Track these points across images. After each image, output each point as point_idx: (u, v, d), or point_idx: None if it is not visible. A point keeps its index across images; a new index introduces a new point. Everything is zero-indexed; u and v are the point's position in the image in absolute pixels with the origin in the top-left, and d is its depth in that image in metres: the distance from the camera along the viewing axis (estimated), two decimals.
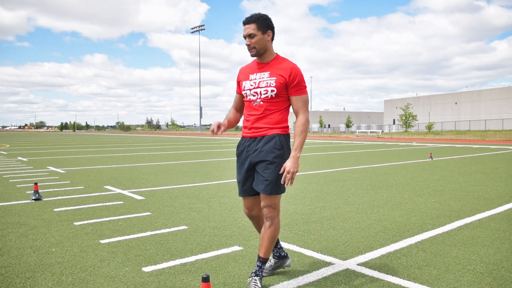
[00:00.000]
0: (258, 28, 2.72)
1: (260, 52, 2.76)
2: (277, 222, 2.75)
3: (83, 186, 7.28)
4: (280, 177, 2.67)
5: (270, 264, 3.02)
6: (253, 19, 2.74)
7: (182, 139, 36.80)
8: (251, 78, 2.83)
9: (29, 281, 2.89)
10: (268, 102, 2.74)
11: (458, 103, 58.98)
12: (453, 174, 9.02)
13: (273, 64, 2.78)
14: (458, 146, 22.03)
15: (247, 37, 2.74)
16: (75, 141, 32.49)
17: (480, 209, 5.26)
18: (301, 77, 2.74)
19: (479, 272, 3.01)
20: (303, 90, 2.75)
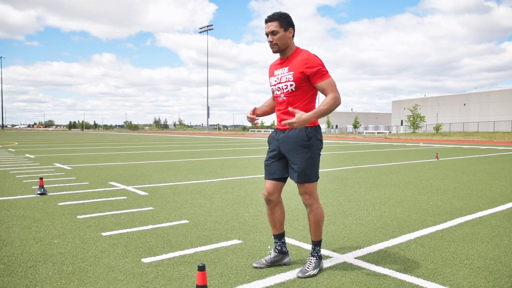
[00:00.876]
0: (280, 26, 2.85)
1: (281, 48, 2.89)
2: (316, 208, 2.91)
3: (88, 182, 7.36)
4: (310, 167, 2.85)
5: (270, 256, 3.04)
6: (276, 17, 2.87)
7: (189, 138, 36.94)
8: (275, 74, 3.00)
9: (30, 270, 2.95)
10: (290, 96, 2.89)
11: (466, 105, 58.52)
12: (458, 174, 8.98)
13: (292, 58, 2.91)
14: (465, 147, 21.87)
15: (269, 34, 2.87)
16: (83, 139, 32.76)
17: (482, 207, 5.24)
18: (320, 65, 2.80)
19: (476, 267, 3.01)
20: (325, 75, 2.80)
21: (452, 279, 2.77)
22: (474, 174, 8.88)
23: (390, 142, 30.58)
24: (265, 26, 2.90)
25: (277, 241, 3.07)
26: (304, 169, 2.83)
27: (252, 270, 2.94)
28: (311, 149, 2.85)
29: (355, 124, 76.48)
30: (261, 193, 6.26)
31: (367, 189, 6.69)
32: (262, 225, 4.27)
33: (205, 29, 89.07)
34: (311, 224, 2.93)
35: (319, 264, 2.90)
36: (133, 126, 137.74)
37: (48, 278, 2.78)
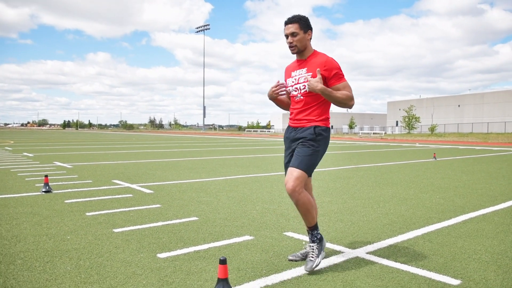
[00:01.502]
0: (300, 28, 2.94)
1: (300, 49, 2.98)
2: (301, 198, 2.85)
3: (91, 180, 7.38)
4: (310, 157, 2.90)
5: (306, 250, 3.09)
6: (296, 19, 2.95)
7: (186, 138, 36.93)
8: (293, 75, 3.10)
9: (48, 264, 2.99)
10: (307, 96, 2.99)
11: (461, 106, 58.95)
12: (457, 173, 9.09)
13: (310, 60, 3.00)
14: (461, 148, 22.08)
15: (289, 35, 2.95)
16: (79, 138, 32.65)
17: (484, 205, 5.33)
18: (337, 68, 2.92)
19: (484, 261, 3.09)
20: (342, 78, 2.93)
21: (463, 273, 2.84)
22: (473, 174, 9.00)
23: (386, 142, 30.76)
24: (285, 28, 2.98)
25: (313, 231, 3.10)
26: (307, 155, 2.91)
27: (268, 264, 3.01)
28: (317, 143, 2.95)
29: (350, 124, 76.77)
30: (266, 191, 6.33)
31: (369, 188, 6.78)
32: (271, 222, 4.33)
33: (201, 28, 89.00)
34: (301, 213, 2.95)
35: (321, 248, 2.94)
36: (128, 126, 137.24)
37: (67, 273, 2.82)
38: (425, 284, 2.64)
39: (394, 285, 2.62)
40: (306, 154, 2.91)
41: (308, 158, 2.90)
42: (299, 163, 2.89)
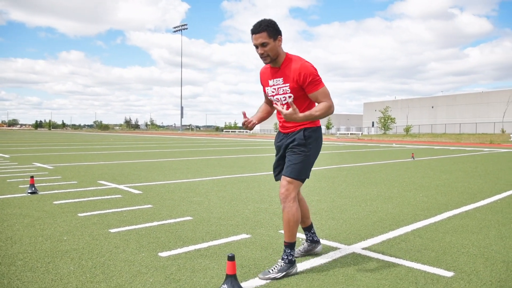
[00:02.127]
0: (269, 36, 2.74)
1: (273, 58, 2.82)
2: (290, 207, 2.80)
3: (77, 181, 7.30)
4: (301, 164, 2.84)
5: (304, 246, 3.24)
6: (263, 27, 2.74)
7: (164, 138, 36.62)
8: (270, 84, 2.98)
9: (50, 265, 2.99)
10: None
11: (434, 107, 60.58)
12: (436, 172, 9.41)
13: (284, 68, 2.85)
14: (436, 148, 22.73)
15: (259, 46, 2.77)
16: (54, 139, 31.92)
17: (465, 202, 5.58)
18: (312, 74, 2.76)
19: (472, 254, 3.27)
20: (318, 85, 2.79)
21: (454, 265, 3.01)
22: (451, 173, 9.34)
23: (364, 143, 31.33)
24: (253, 38, 2.78)
25: (307, 232, 3.25)
26: (298, 163, 2.85)
27: (270, 260, 3.09)
28: (308, 147, 2.89)
29: (327, 125, 77.69)
30: (254, 191, 6.41)
31: (355, 187, 6.96)
32: (265, 220, 4.42)
33: (179, 28, 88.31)
34: (284, 223, 2.86)
35: (287, 269, 2.78)
36: (104, 126, 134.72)
37: (71, 273, 2.83)
38: (421, 277, 2.78)
39: (392, 278, 2.75)
40: (296, 162, 2.86)
41: (299, 165, 2.85)
42: (290, 172, 2.85)
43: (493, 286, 2.63)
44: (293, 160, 2.87)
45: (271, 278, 2.72)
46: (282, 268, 2.77)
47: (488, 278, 2.78)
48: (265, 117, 3.21)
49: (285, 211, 2.83)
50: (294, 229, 2.84)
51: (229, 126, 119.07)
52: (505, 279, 2.77)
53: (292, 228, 2.83)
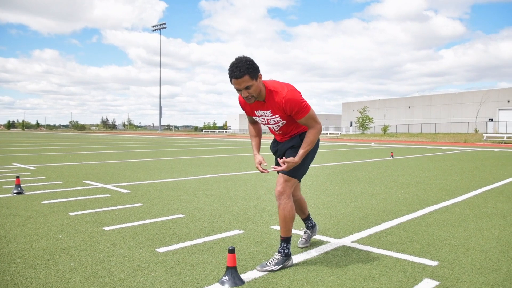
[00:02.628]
0: (251, 78, 2.73)
1: (257, 97, 2.85)
2: (285, 203, 2.93)
3: (62, 181, 7.27)
4: (299, 166, 2.97)
5: (307, 235, 3.48)
6: (244, 71, 2.69)
7: (144, 139, 36.30)
8: (258, 114, 3.03)
9: (50, 262, 3.04)
10: (283, 127, 3.04)
11: (411, 107, 61.94)
12: (415, 170, 9.74)
13: (269, 102, 2.88)
14: (414, 147, 23.32)
15: (243, 89, 2.75)
16: (30, 139, 31.24)
17: (444, 198, 5.84)
18: (298, 103, 2.80)
19: (454, 245, 3.49)
20: (305, 111, 2.84)
21: (438, 255, 3.21)
22: (429, 171, 9.68)
23: (343, 142, 31.82)
24: (234, 82, 2.74)
25: (306, 221, 3.51)
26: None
27: (265, 254, 3.23)
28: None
29: None
30: (241, 189, 6.54)
31: (338, 185, 7.16)
32: (255, 217, 4.55)
33: (157, 27, 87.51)
34: (280, 219, 2.97)
35: (283, 262, 2.89)
36: (80, 126, 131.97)
37: (73, 269, 2.90)
38: (408, 266, 2.97)
39: (382, 268, 2.92)
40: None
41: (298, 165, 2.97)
42: (287, 170, 2.94)
43: (474, 273, 2.83)
44: (290, 159, 2.99)
45: (269, 270, 2.85)
46: (279, 261, 2.90)
47: (469, 266, 2.98)
48: (260, 139, 3.32)
49: (280, 208, 2.96)
50: (289, 225, 2.98)
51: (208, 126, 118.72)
52: (484, 266, 2.98)
53: (288, 223, 2.96)
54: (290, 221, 2.97)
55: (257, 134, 3.31)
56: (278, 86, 2.86)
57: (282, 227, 2.99)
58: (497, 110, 51.25)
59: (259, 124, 3.33)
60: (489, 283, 2.67)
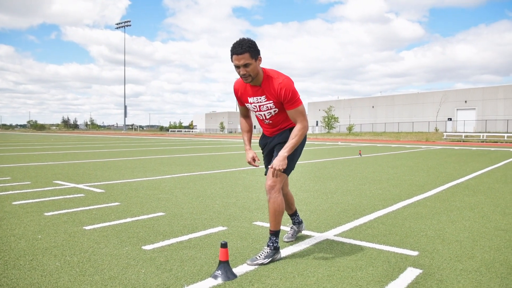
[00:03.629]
0: (251, 57, 2.80)
1: (253, 78, 2.89)
2: (275, 197, 2.99)
3: (30, 182, 7.02)
4: (290, 157, 3.03)
5: (294, 230, 3.54)
6: (245, 48, 2.78)
7: (109, 138, 35.44)
8: (251, 101, 3.08)
9: (33, 262, 2.96)
10: (275, 117, 3.09)
11: (374, 107, 63.64)
12: (384, 168, 10.06)
13: (265, 86, 2.94)
14: (379, 145, 24.02)
15: (241, 66, 2.81)
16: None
17: (415, 193, 6.09)
18: (292, 92, 2.91)
19: (431, 236, 3.66)
20: (296, 103, 2.94)
21: (417, 246, 3.36)
22: (397, 168, 10.03)
23: (310, 141, 32.30)
24: (234, 58, 2.81)
25: (293, 217, 3.58)
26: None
27: (252, 249, 3.27)
28: None
29: None
30: (218, 187, 6.55)
31: (313, 182, 7.31)
32: (236, 214, 4.59)
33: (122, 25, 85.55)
34: (269, 213, 3.02)
35: (272, 255, 2.95)
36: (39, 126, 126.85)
37: (60, 268, 2.84)
38: (391, 256, 3.10)
39: (367, 259, 3.04)
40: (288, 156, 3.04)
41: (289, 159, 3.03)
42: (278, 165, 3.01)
43: (452, 261, 3.00)
44: None
45: (259, 264, 2.90)
46: (268, 254, 2.96)
47: (447, 255, 3.15)
48: (252, 131, 3.38)
49: (270, 202, 3.01)
50: (279, 218, 3.04)
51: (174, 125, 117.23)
52: (460, 255, 3.15)
53: (277, 217, 3.03)
54: (279, 215, 3.03)
55: (249, 129, 3.36)
56: (276, 73, 2.96)
57: (271, 220, 3.04)
58: (455, 110, 53.54)
59: (250, 119, 3.38)
60: (467, 269, 2.84)
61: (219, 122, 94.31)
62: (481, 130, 46.70)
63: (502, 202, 5.44)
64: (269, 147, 3.25)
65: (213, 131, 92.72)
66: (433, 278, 2.67)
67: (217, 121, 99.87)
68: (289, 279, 2.65)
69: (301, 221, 3.62)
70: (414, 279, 2.65)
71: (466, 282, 2.61)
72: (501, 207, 5.06)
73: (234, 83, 3.17)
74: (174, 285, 2.55)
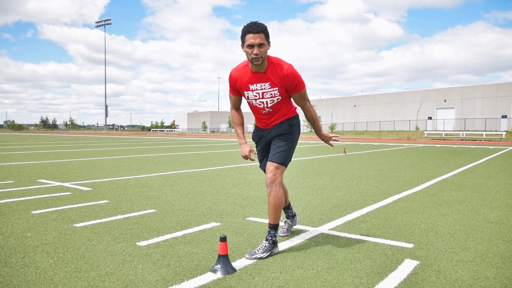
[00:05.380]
0: (266, 38, 2.83)
1: (263, 60, 2.86)
2: (276, 190, 3.00)
3: (13, 181, 6.85)
4: (287, 151, 3.07)
5: (288, 224, 3.52)
6: (262, 28, 2.80)
7: (90, 138, 34.89)
8: (252, 88, 3.01)
9: (26, 260, 2.88)
10: (275, 106, 3.05)
11: (356, 106, 64.33)
12: (369, 165, 10.16)
13: (270, 73, 2.92)
14: (362, 144, 24.28)
15: (256, 46, 2.78)
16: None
17: (404, 188, 6.17)
18: (298, 78, 2.95)
19: (423, 229, 3.71)
20: (301, 86, 3.00)
21: (412, 238, 3.40)
22: (383, 165, 10.14)
23: None
24: (250, 36, 2.78)
25: (287, 210, 3.54)
26: (284, 150, 3.06)
27: (249, 244, 3.25)
28: (293, 135, 3.15)
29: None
30: (207, 185, 6.50)
31: (301, 179, 7.33)
32: (229, 210, 4.56)
33: (102, 23, 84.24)
34: (270, 206, 3.02)
35: (271, 249, 2.94)
36: (17, 126, 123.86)
37: (54, 265, 2.77)
38: (388, 249, 3.12)
39: (364, 251, 3.06)
40: (284, 149, 3.06)
41: (285, 152, 3.06)
42: (278, 158, 3.03)
43: (448, 253, 3.04)
44: (281, 147, 3.07)
45: (258, 258, 2.89)
46: (267, 248, 2.95)
47: (442, 247, 3.20)
48: (244, 128, 3.37)
49: (271, 195, 3.01)
50: (279, 212, 3.04)
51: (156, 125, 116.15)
52: (454, 246, 3.20)
53: (277, 210, 3.03)
54: (279, 209, 3.03)
55: (241, 122, 3.32)
56: (280, 60, 2.96)
57: (271, 214, 3.03)
58: (435, 108, 54.55)
59: (241, 112, 3.35)
60: (463, 260, 2.89)
61: (201, 122, 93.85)
62: (460, 128, 47.71)
63: (488, 196, 5.55)
64: (266, 139, 3.20)
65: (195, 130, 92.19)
66: (431, 269, 2.70)
67: (199, 120, 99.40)
68: (289, 272, 2.64)
69: (294, 214, 3.60)
70: (413, 270, 2.67)
71: (464, 272, 2.65)
72: (488, 201, 5.16)
73: (231, 72, 3.10)
74: (173, 280, 2.52)
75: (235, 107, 3.31)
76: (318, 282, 2.48)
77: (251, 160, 3.24)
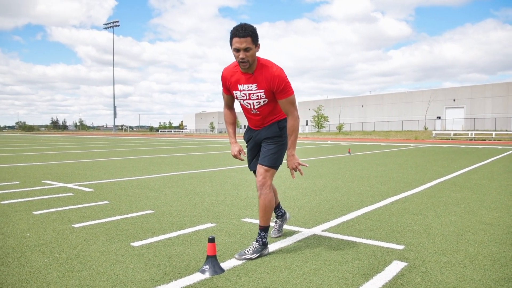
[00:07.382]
0: (252, 42, 2.80)
1: (251, 64, 2.87)
2: (266, 193, 3.04)
3: (19, 182, 6.97)
4: (277, 154, 3.09)
5: (278, 224, 3.56)
6: (249, 32, 2.77)
7: (99, 139, 35.22)
8: (240, 88, 3.03)
9: (22, 259, 2.96)
10: (263, 107, 3.06)
11: (364, 106, 64.05)
12: (372, 165, 10.15)
13: (258, 75, 2.92)
14: (368, 144, 24.19)
15: (242, 50, 2.78)
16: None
17: (403, 189, 6.17)
18: (285, 82, 2.92)
19: (416, 231, 3.73)
20: (288, 92, 2.95)
21: (404, 240, 3.42)
22: (386, 165, 10.12)
23: (300, 140, 32.41)
24: (236, 41, 2.78)
25: (277, 210, 3.57)
26: (274, 153, 3.08)
27: (240, 244, 3.30)
28: (282, 138, 3.16)
29: None
30: (207, 186, 6.56)
31: (302, 180, 7.36)
32: (225, 211, 4.61)
33: (110, 25, 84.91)
34: (260, 209, 3.07)
35: (260, 250, 2.98)
36: (28, 127, 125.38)
37: (48, 265, 2.84)
38: (377, 250, 3.15)
39: (354, 253, 3.09)
40: (273, 152, 3.08)
41: (275, 155, 3.08)
42: (268, 161, 3.06)
43: (437, 255, 3.06)
44: (270, 150, 3.10)
45: (247, 259, 2.93)
46: (257, 249, 2.99)
47: (432, 248, 3.21)
48: (236, 127, 3.41)
49: (261, 198, 3.05)
50: (269, 214, 3.09)
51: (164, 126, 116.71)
52: (445, 248, 3.22)
53: (268, 213, 3.07)
54: (270, 211, 3.08)
55: (233, 121, 3.35)
56: (269, 63, 2.96)
57: (261, 216, 3.08)
58: (444, 108, 54.11)
59: (234, 111, 3.39)
60: (451, 262, 2.90)
61: (209, 122, 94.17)
62: (470, 128, 47.28)
63: (488, 197, 5.54)
64: (256, 140, 3.24)
65: (203, 131, 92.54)
66: (417, 271, 2.72)
67: (207, 121, 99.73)
68: (276, 273, 2.68)
69: (284, 212, 3.62)
70: (399, 272, 2.70)
71: (450, 274, 2.67)
72: (487, 203, 5.15)
73: (222, 71, 3.14)
74: (162, 279, 2.57)
75: (228, 106, 3.35)
76: (304, 283, 2.52)
77: (240, 160, 3.28)
